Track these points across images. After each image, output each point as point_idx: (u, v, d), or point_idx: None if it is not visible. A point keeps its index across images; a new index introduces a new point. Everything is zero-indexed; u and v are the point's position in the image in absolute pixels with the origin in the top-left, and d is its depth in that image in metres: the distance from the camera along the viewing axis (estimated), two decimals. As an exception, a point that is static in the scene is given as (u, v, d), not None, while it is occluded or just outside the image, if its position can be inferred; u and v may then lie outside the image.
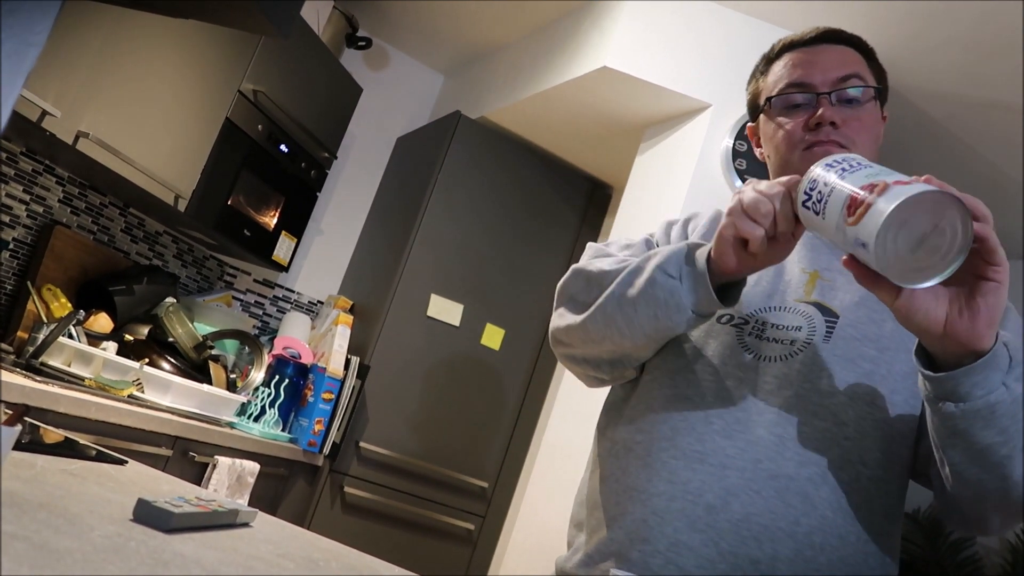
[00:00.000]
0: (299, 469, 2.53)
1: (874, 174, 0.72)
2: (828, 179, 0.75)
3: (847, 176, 0.74)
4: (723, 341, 0.96)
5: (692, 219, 1.14)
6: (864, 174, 0.73)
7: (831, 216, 0.73)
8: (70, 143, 1.84)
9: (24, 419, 0.92)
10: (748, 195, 0.82)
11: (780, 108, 1.04)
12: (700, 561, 0.86)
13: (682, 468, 0.91)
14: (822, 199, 0.75)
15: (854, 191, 0.71)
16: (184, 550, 0.63)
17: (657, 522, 0.89)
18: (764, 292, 0.99)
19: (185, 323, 2.24)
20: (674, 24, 2.36)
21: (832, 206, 0.73)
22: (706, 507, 0.88)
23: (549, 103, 2.69)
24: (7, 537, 0.51)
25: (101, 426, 1.71)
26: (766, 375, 0.92)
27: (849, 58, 1.03)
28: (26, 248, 2.21)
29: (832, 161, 0.77)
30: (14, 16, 0.53)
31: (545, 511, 2.33)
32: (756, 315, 0.97)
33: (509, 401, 2.89)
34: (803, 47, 1.05)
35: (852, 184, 0.72)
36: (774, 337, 0.95)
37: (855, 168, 0.74)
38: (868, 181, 0.71)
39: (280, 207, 2.61)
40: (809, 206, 0.77)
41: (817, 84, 1.01)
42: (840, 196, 0.72)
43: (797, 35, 1.06)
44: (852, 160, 0.76)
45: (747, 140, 2.28)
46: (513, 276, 2.92)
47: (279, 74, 2.45)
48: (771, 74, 1.07)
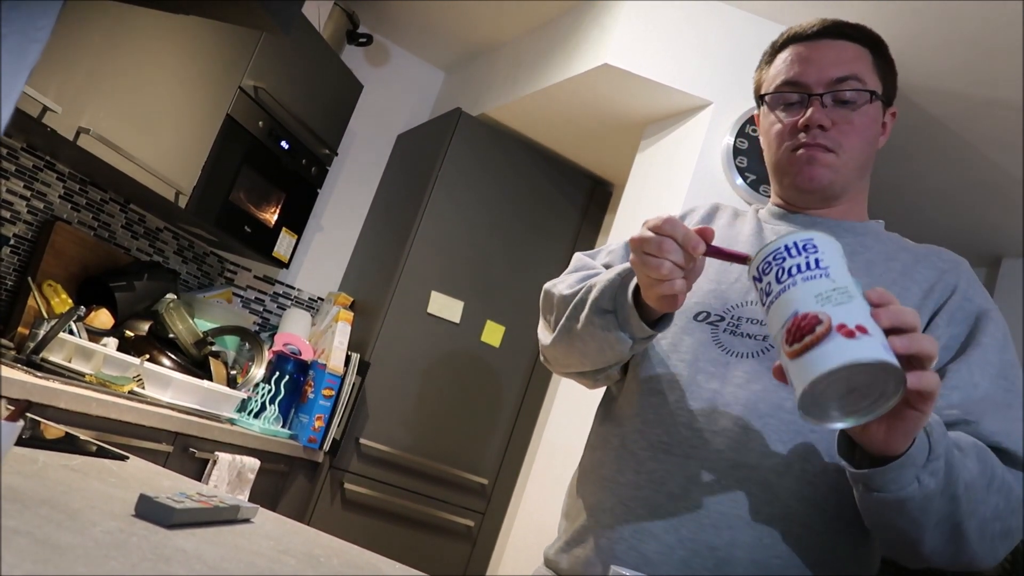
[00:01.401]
0: (299, 465, 2.54)
1: (826, 295, 0.67)
2: (779, 275, 0.70)
3: (798, 286, 0.68)
4: (698, 339, 0.98)
5: (688, 215, 1.15)
6: (816, 292, 0.67)
7: (772, 323, 0.70)
8: (71, 139, 1.84)
9: (26, 415, 0.92)
10: (642, 234, 0.82)
11: (775, 104, 1.04)
12: (660, 547, 0.89)
13: (648, 458, 0.94)
14: (769, 293, 0.71)
15: (797, 316, 0.67)
16: (186, 546, 0.63)
17: (623, 510, 0.93)
18: (743, 289, 1.00)
19: (185, 319, 2.24)
20: (675, 21, 2.36)
21: (775, 315, 0.70)
22: (668, 495, 0.91)
23: (550, 100, 2.69)
24: (9, 532, 0.51)
25: (102, 422, 1.71)
26: (737, 370, 0.94)
27: (850, 55, 1.01)
28: (27, 244, 2.21)
29: (793, 246, 0.71)
30: (17, 12, 0.53)
31: (544, 508, 2.33)
32: (733, 311, 0.98)
33: (509, 398, 2.89)
34: (805, 41, 1.04)
35: (800, 300, 0.67)
36: (748, 333, 0.96)
37: (811, 273, 0.69)
38: (816, 308, 0.66)
39: (281, 203, 2.61)
40: (759, 288, 0.73)
41: (811, 84, 1.00)
42: (784, 310, 0.69)
43: (803, 26, 1.05)
44: (811, 257, 0.70)
45: (748, 138, 2.28)
46: (514, 273, 2.92)
47: (280, 70, 2.45)
48: (773, 67, 1.06)
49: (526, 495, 2.45)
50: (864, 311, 0.67)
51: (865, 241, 1.03)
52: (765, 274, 0.72)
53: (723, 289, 1.01)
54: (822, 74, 1.00)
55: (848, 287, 0.68)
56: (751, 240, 1.06)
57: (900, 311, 0.68)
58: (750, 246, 1.04)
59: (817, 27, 1.03)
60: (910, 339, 0.67)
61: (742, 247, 1.05)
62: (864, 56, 1.02)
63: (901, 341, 0.66)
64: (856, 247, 1.01)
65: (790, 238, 0.71)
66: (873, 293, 0.69)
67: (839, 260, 0.70)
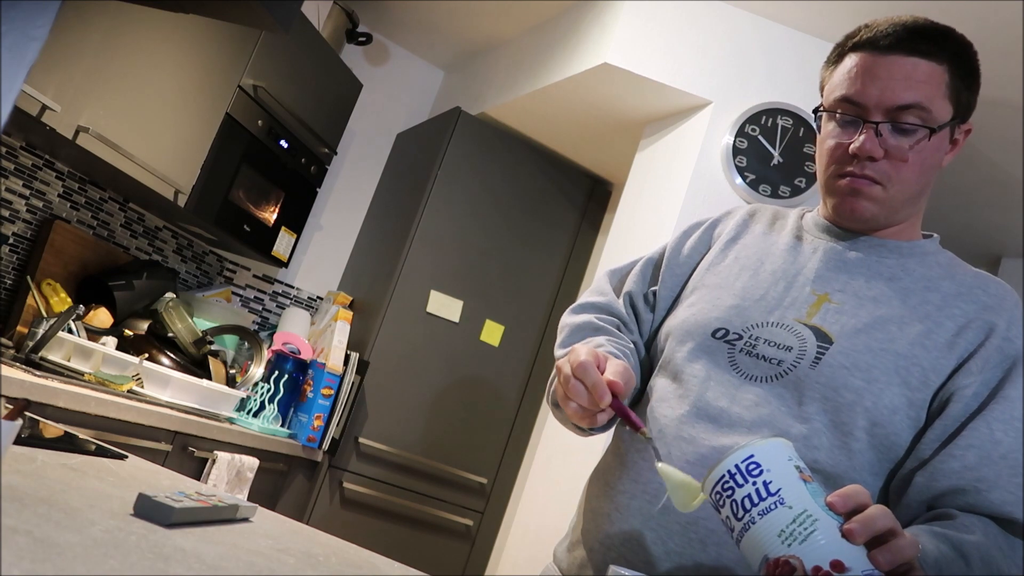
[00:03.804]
0: (298, 465, 2.54)
1: (788, 531, 0.64)
2: (735, 511, 0.68)
3: (757, 524, 0.66)
4: (714, 358, 0.96)
5: (720, 222, 1.12)
6: (777, 529, 0.65)
7: (748, 558, 0.68)
8: (70, 138, 1.84)
9: (25, 414, 0.92)
10: (564, 371, 0.87)
11: (830, 118, 0.98)
12: (647, 557, 0.89)
13: (646, 469, 0.94)
14: (733, 529, 0.68)
15: (768, 563, 0.64)
16: (185, 545, 0.63)
17: (618, 517, 0.94)
18: (766, 307, 0.97)
19: (185, 318, 2.24)
20: (675, 20, 2.36)
21: (747, 554, 0.67)
22: (661, 508, 0.90)
23: (549, 99, 2.68)
24: (8, 531, 0.51)
25: (101, 421, 1.71)
26: (748, 393, 0.92)
27: (920, 77, 0.92)
28: (26, 243, 2.21)
29: (737, 472, 0.68)
30: (16, 10, 0.53)
31: (544, 508, 2.33)
32: (751, 331, 0.96)
33: (508, 398, 2.89)
34: (876, 52, 0.94)
35: (766, 544, 0.65)
36: (764, 355, 0.94)
37: (765, 504, 0.66)
38: (784, 552, 0.63)
39: (280, 203, 2.61)
40: (721, 517, 0.70)
41: (870, 107, 0.93)
42: (754, 553, 0.66)
43: (878, 31, 0.95)
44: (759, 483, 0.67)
45: (747, 137, 2.28)
46: (513, 273, 2.92)
47: (279, 69, 2.45)
48: (837, 72, 0.98)
49: (525, 495, 2.45)
50: (834, 533, 0.64)
51: (908, 265, 0.98)
52: (721, 506, 0.70)
53: (746, 306, 0.98)
54: (883, 97, 0.92)
55: (807, 508, 0.65)
56: (783, 257, 1.02)
57: (872, 520, 0.65)
58: (781, 263, 1.01)
59: (892, 37, 0.93)
60: (890, 551, 0.65)
61: (774, 262, 1.02)
62: (937, 77, 0.93)
63: (883, 556, 0.65)
64: (897, 271, 0.97)
65: (731, 460, 0.69)
66: (839, 500, 0.66)
67: (788, 473, 0.67)
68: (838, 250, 1.00)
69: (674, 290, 1.09)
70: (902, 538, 0.66)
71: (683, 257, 1.10)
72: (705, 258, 1.09)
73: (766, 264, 1.02)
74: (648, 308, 1.09)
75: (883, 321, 0.93)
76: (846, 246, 1.00)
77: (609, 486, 0.98)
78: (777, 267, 1.01)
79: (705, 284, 1.05)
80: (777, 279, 1.00)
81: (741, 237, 1.09)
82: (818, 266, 0.99)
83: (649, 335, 1.09)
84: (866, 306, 0.94)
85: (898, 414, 0.88)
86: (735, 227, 1.09)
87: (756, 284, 1.00)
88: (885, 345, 0.91)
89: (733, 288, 1.01)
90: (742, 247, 1.07)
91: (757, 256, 1.04)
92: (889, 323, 0.92)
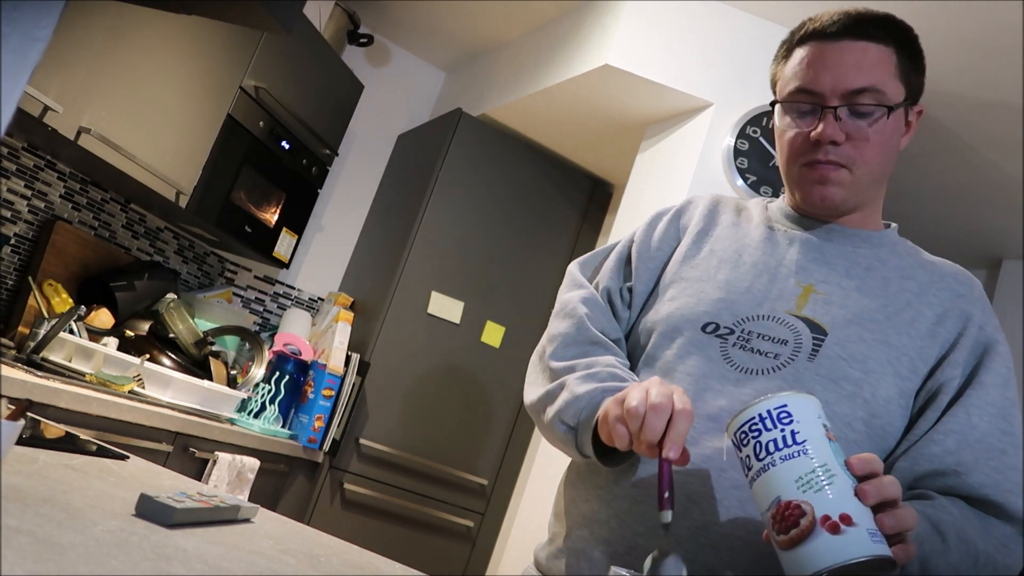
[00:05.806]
0: (299, 465, 2.54)
1: (806, 478, 0.68)
2: (757, 451, 0.71)
3: (777, 467, 0.69)
4: (706, 354, 0.94)
5: (684, 211, 1.11)
6: (796, 475, 0.68)
7: (757, 499, 0.71)
8: (72, 139, 1.84)
9: (26, 414, 0.92)
10: (633, 400, 0.79)
11: (788, 110, 0.99)
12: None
13: (645, 472, 0.91)
14: (750, 468, 0.71)
15: (780, 504, 0.68)
16: (186, 545, 0.63)
17: (619, 524, 0.91)
18: (754, 300, 0.96)
19: (186, 319, 2.24)
20: (676, 22, 2.36)
21: (759, 494, 0.70)
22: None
23: (551, 101, 2.69)
24: (10, 531, 0.51)
25: (102, 421, 1.71)
26: (746, 388, 0.91)
27: (871, 61, 0.94)
28: (27, 243, 2.21)
29: (768, 416, 0.71)
30: (19, 11, 0.53)
31: (544, 508, 2.33)
32: (743, 324, 0.95)
33: (509, 399, 2.89)
34: (824, 40, 0.96)
35: (782, 486, 0.68)
36: (759, 349, 0.93)
37: (789, 451, 0.69)
38: (798, 496, 0.67)
39: (281, 204, 2.61)
40: (739, 457, 0.73)
41: (826, 94, 0.94)
42: (767, 493, 0.69)
43: (823, 21, 0.97)
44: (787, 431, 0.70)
45: (748, 139, 2.28)
46: (514, 274, 2.92)
47: (281, 70, 2.45)
48: (789, 64, 1.00)
49: (525, 495, 2.45)
50: (847, 490, 0.68)
51: (881, 255, 0.99)
52: (743, 445, 0.72)
53: (733, 299, 0.97)
54: (838, 83, 0.94)
55: (828, 463, 0.69)
56: (761, 249, 1.02)
57: (884, 485, 0.70)
58: (760, 255, 1.00)
59: (838, 25, 0.96)
60: (896, 517, 0.69)
61: (752, 254, 1.01)
62: (887, 60, 0.95)
63: (889, 520, 0.69)
64: (873, 261, 0.98)
65: (763, 405, 0.72)
66: (857, 463, 0.71)
67: (815, 427, 0.71)
68: (814, 241, 1.00)
69: (649, 284, 1.06)
70: (906, 509, 0.71)
71: (653, 249, 1.08)
72: (677, 250, 1.06)
73: (744, 256, 1.01)
74: (624, 305, 1.07)
75: (870, 311, 0.94)
76: (821, 236, 1.01)
77: (602, 489, 0.94)
78: (757, 259, 1.00)
79: (684, 277, 1.02)
80: (759, 271, 0.99)
81: (712, 229, 1.07)
82: (797, 257, 0.99)
83: (626, 331, 1.07)
84: (852, 296, 0.95)
85: (892, 404, 0.90)
86: (702, 218, 1.08)
87: (739, 276, 0.99)
88: (876, 335, 0.92)
89: (716, 281, 0.99)
90: (716, 239, 1.05)
91: (734, 248, 1.02)
92: (876, 313, 0.94)
